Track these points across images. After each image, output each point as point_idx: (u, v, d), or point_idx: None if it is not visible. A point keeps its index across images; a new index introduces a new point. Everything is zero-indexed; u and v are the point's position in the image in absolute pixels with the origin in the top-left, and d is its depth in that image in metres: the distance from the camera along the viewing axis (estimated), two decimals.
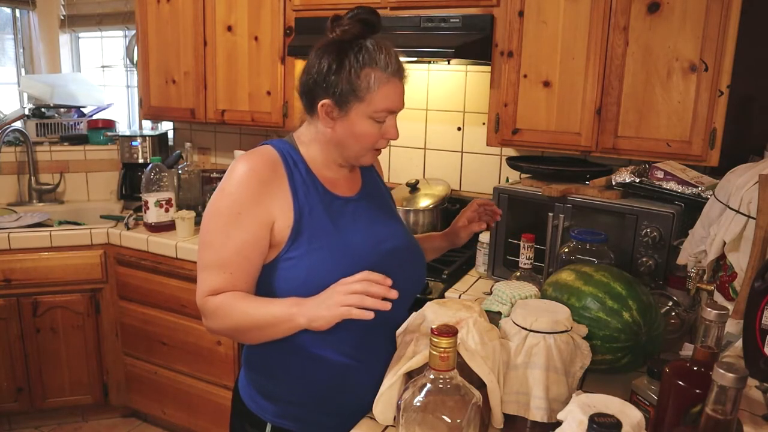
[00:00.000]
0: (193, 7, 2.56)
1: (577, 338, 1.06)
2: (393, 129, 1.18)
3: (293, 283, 1.13)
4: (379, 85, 1.12)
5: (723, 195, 1.31)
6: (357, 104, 1.13)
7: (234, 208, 1.12)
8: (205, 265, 1.15)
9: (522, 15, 1.91)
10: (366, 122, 1.14)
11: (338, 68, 1.12)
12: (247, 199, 1.11)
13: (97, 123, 3.17)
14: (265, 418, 1.23)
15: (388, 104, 1.14)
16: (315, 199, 1.17)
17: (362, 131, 1.15)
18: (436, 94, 2.49)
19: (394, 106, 1.15)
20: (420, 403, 0.81)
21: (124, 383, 2.70)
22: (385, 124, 1.16)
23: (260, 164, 1.14)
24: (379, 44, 1.14)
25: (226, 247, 1.12)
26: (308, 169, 1.19)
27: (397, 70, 1.14)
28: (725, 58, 1.64)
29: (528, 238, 1.40)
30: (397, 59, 1.15)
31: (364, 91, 1.11)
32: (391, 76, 1.13)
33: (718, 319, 0.83)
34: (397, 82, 1.15)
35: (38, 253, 2.49)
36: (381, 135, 1.17)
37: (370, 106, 1.12)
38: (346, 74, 1.11)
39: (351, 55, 1.12)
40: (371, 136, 1.16)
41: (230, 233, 1.11)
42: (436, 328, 0.79)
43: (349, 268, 1.10)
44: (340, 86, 1.12)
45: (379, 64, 1.12)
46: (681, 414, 0.83)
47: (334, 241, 1.14)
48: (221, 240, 1.12)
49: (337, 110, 1.14)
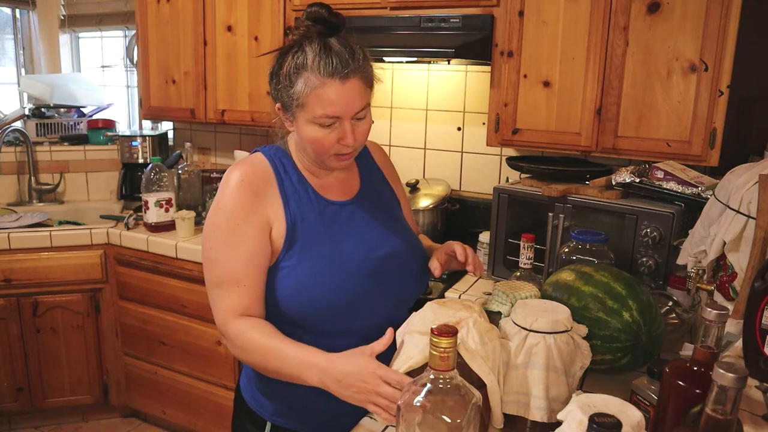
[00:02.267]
0: (193, 7, 2.56)
1: (577, 338, 1.06)
2: (348, 135, 1.08)
3: (287, 291, 1.13)
4: (312, 89, 1.05)
5: (723, 195, 1.31)
6: (298, 110, 1.08)
7: (232, 220, 1.11)
8: (216, 282, 1.13)
9: (522, 15, 1.91)
10: (311, 128, 1.08)
11: (278, 73, 1.10)
12: (244, 210, 1.11)
13: (97, 123, 3.17)
14: (265, 417, 1.23)
15: (326, 110, 1.05)
16: (307, 206, 1.16)
17: (310, 137, 1.09)
18: (436, 94, 2.49)
19: (334, 111, 1.05)
20: (420, 403, 0.81)
21: (124, 383, 2.70)
22: (339, 129, 1.08)
23: (251, 174, 1.14)
24: (321, 44, 1.06)
25: (234, 260, 1.10)
26: (300, 176, 1.18)
27: (335, 72, 1.04)
28: (725, 58, 1.64)
29: (528, 238, 1.40)
30: (341, 58, 1.05)
31: (299, 96, 1.06)
32: (327, 78, 1.04)
33: (718, 319, 0.82)
34: (336, 85, 1.04)
35: (38, 253, 2.49)
36: (335, 140, 1.09)
37: (308, 111, 1.07)
38: (284, 79, 1.08)
39: (289, 59, 1.08)
40: (322, 142, 1.09)
41: (235, 246, 1.11)
42: (436, 328, 0.79)
43: (340, 276, 1.11)
44: (280, 91, 1.10)
45: (311, 66, 1.04)
46: (681, 414, 0.83)
47: (325, 249, 1.14)
48: (227, 254, 1.11)
49: (286, 114, 1.12)
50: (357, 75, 1.07)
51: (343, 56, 1.06)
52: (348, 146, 1.10)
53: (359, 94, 1.08)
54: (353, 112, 1.08)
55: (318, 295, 1.11)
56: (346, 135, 1.08)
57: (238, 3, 2.45)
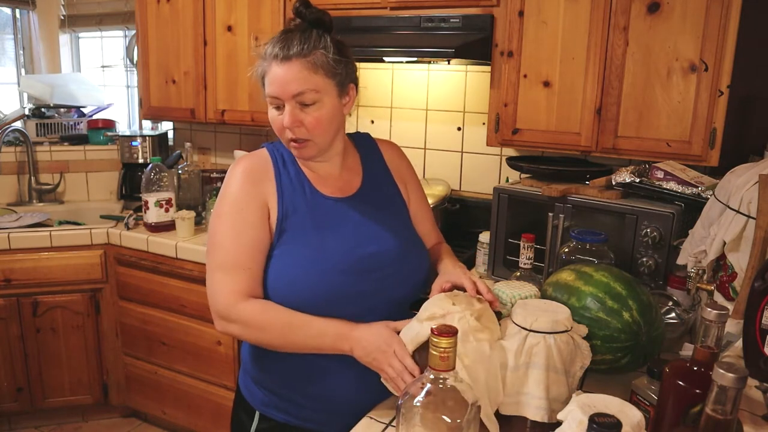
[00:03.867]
0: (193, 7, 2.56)
1: (577, 338, 1.06)
2: (285, 117, 1.12)
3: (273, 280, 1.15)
4: (265, 69, 1.14)
5: (723, 195, 1.31)
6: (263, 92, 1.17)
7: (235, 207, 1.16)
8: (219, 266, 1.15)
9: (522, 15, 1.91)
10: (269, 109, 1.17)
11: None
12: (246, 197, 1.16)
13: (97, 123, 3.17)
14: (255, 406, 1.25)
15: (269, 89, 1.13)
16: (300, 199, 1.18)
17: (270, 118, 1.17)
18: (436, 94, 2.49)
19: (273, 91, 1.12)
20: (420, 403, 0.81)
21: (124, 383, 2.70)
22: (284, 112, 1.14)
23: (251, 165, 1.20)
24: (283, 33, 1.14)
25: (239, 245, 1.14)
26: (298, 170, 1.22)
27: (277, 55, 1.11)
28: (725, 58, 1.64)
29: (528, 238, 1.40)
30: (285, 42, 1.11)
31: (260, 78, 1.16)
32: (271, 60, 1.12)
33: (718, 319, 0.82)
34: (275, 67, 1.11)
35: (38, 253, 2.49)
36: (282, 123, 1.15)
37: (264, 92, 1.16)
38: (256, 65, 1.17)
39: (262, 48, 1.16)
40: (274, 124, 1.16)
41: (239, 231, 1.15)
42: (436, 328, 0.79)
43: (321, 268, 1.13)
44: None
45: (267, 49, 1.13)
46: (681, 414, 0.83)
47: (310, 242, 1.16)
48: (232, 239, 1.15)
49: None
50: (298, 58, 1.10)
51: (289, 42, 1.11)
52: (287, 128, 1.14)
53: (298, 76, 1.11)
54: (291, 93, 1.11)
55: (299, 287, 1.13)
56: (284, 117, 1.13)
57: (238, 3, 2.45)
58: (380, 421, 1.10)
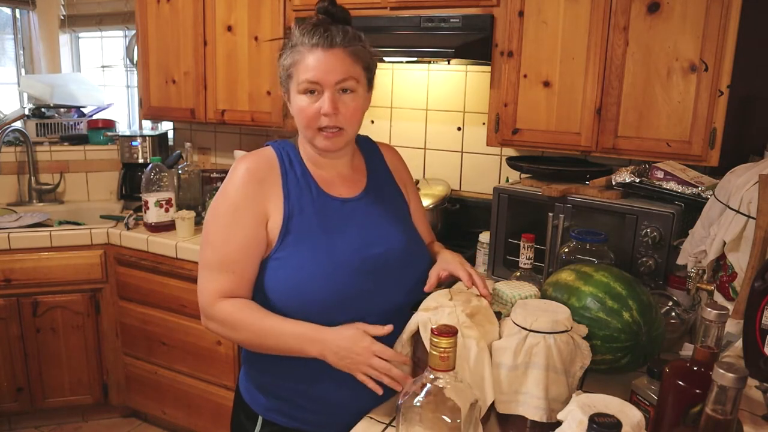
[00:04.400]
0: (193, 7, 2.56)
1: (577, 338, 1.06)
2: (326, 103, 1.12)
3: (279, 283, 1.15)
4: (300, 57, 1.13)
5: (723, 195, 1.31)
6: (289, 81, 1.16)
7: (232, 207, 1.15)
8: (207, 264, 1.17)
9: (522, 15, 1.90)
10: (298, 98, 1.15)
11: (280, 56, 1.18)
12: (244, 198, 1.15)
13: (97, 123, 3.17)
14: (257, 411, 1.25)
15: (307, 74, 1.12)
16: (307, 200, 1.18)
17: (296, 107, 1.16)
18: (436, 94, 2.49)
19: (314, 76, 1.12)
20: (420, 403, 0.81)
21: (124, 383, 2.70)
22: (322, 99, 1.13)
23: (257, 165, 1.19)
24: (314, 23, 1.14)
25: (228, 246, 1.14)
26: (305, 170, 1.21)
27: (320, 41, 1.12)
28: (725, 58, 1.64)
29: (528, 238, 1.40)
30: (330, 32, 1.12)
31: (290, 67, 1.15)
32: (312, 46, 1.12)
33: (718, 319, 0.82)
34: (319, 52, 1.12)
35: (38, 253, 2.49)
36: (317, 111, 1.14)
37: (295, 80, 1.14)
38: (283, 58, 1.17)
39: (287, 41, 1.17)
40: (305, 112, 1.14)
41: (231, 232, 1.14)
42: (436, 328, 0.79)
43: (329, 270, 1.13)
44: (280, 71, 1.18)
45: (302, 38, 1.13)
46: (681, 414, 0.83)
47: (318, 243, 1.15)
48: (222, 239, 1.15)
49: (285, 94, 1.19)
50: (342, 48, 1.13)
51: (331, 32, 1.13)
52: (326, 116, 1.13)
53: (342, 63, 1.13)
54: (334, 79, 1.12)
55: (307, 288, 1.12)
56: (324, 103, 1.12)
57: (238, 3, 2.45)
58: (380, 421, 1.10)
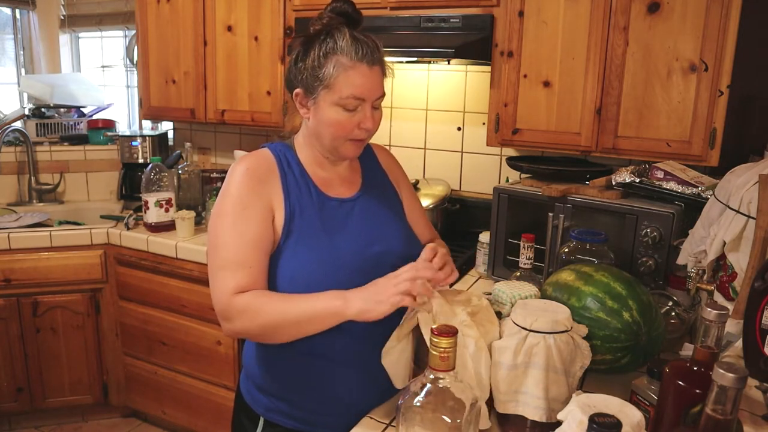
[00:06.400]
0: (193, 7, 2.56)
1: (577, 338, 1.06)
2: (368, 119, 1.14)
3: (281, 281, 1.14)
4: (343, 70, 1.10)
5: (723, 195, 1.31)
6: (323, 91, 1.13)
7: (238, 205, 1.14)
8: (221, 265, 1.13)
9: (522, 15, 1.90)
10: (333, 109, 1.13)
11: (304, 56, 1.14)
12: (249, 195, 1.14)
13: (97, 123, 3.17)
14: (259, 412, 1.25)
15: (353, 90, 1.11)
16: (307, 200, 1.18)
17: (331, 119, 1.14)
18: (436, 94, 2.49)
19: (361, 92, 1.11)
20: (420, 403, 0.81)
21: (124, 383, 2.70)
22: (359, 113, 1.13)
23: (256, 164, 1.18)
24: (350, 33, 1.12)
25: (241, 243, 1.12)
26: (303, 171, 1.21)
27: (364, 56, 1.11)
28: (725, 58, 1.64)
29: (528, 238, 1.40)
30: (369, 47, 1.12)
31: (327, 77, 1.11)
32: (357, 61, 1.10)
33: (718, 319, 0.82)
34: (365, 69, 1.11)
35: (38, 253, 2.49)
36: (355, 124, 1.14)
37: (335, 92, 1.11)
38: (311, 61, 1.13)
39: (317, 44, 1.13)
40: (341, 125, 1.14)
41: (241, 230, 1.13)
42: (436, 328, 0.79)
43: (332, 270, 1.12)
44: (306, 73, 1.14)
45: (343, 50, 1.11)
46: (681, 414, 0.83)
47: (319, 242, 1.15)
48: (234, 238, 1.12)
49: (307, 99, 1.16)
50: (380, 65, 1.15)
51: (372, 45, 1.14)
52: (367, 129, 1.16)
53: (380, 81, 1.16)
54: (376, 96, 1.15)
55: (309, 288, 1.11)
56: (366, 118, 1.15)
57: (238, 3, 2.45)
58: (380, 422, 1.10)
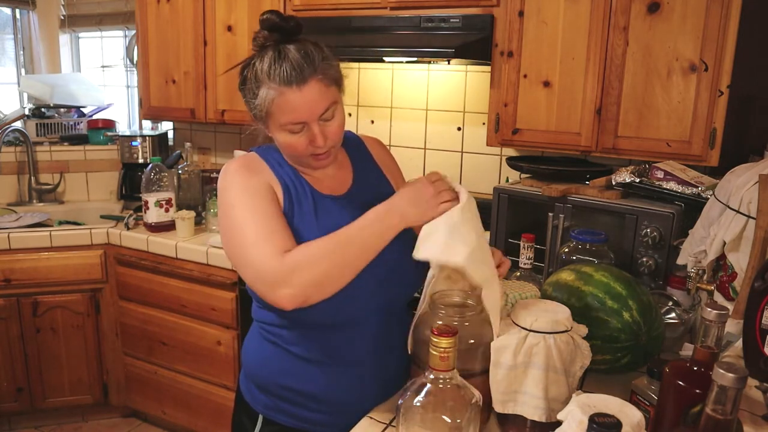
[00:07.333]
0: (193, 7, 2.56)
1: (577, 338, 1.06)
2: (318, 136, 1.09)
3: None
4: (272, 99, 1.06)
5: (723, 195, 1.31)
6: (267, 119, 1.10)
7: (246, 193, 1.11)
8: (251, 242, 1.06)
9: (522, 15, 1.91)
10: (282, 134, 1.10)
11: (242, 86, 1.13)
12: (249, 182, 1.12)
13: (97, 123, 3.17)
14: (258, 410, 1.25)
15: (289, 117, 1.07)
16: (303, 198, 1.17)
17: (283, 143, 1.12)
18: (436, 94, 2.49)
19: (297, 117, 1.07)
20: (420, 403, 0.81)
21: (124, 383, 2.70)
22: (309, 132, 1.09)
23: (247, 163, 1.16)
24: (273, 55, 1.06)
25: (260, 218, 1.08)
26: (295, 170, 1.19)
27: (290, 79, 1.04)
28: (725, 58, 1.64)
29: (528, 238, 1.40)
30: (295, 65, 1.04)
31: (263, 107, 1.08)
32: (284, 86, 1.05)
33: (718, 319, 0.82)
34: (294, 91, 1.05)
35: (38, 253, 2.49)
36: (307, 143, 1.10)
37: (275, 120, 1.09)
38: (247, 92, 1.11)
39: (248, 72, 1.10)
40: (293, 146, 1.11)
41: (257, 206, 1.09)
42: (436, 328, 0.79)
43: None
44: (249, 103, 1.12)
45: (268, 77, 1.06)
46: (681, 414, 0.83)
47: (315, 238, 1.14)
48: (252, 216, 1.08)
49: (258, 123, 1.14)
50: (314, 78, 1.06)
51: (297, 62, 1.05)
52: (319, 147, 1.11)
53: (320, 95, 1.08)
54: (317, 114, 1.08)
55: None
56: (315, 137, 1.09)
57: (238, 3, 2.45)
58: (380, 422, 1.10)
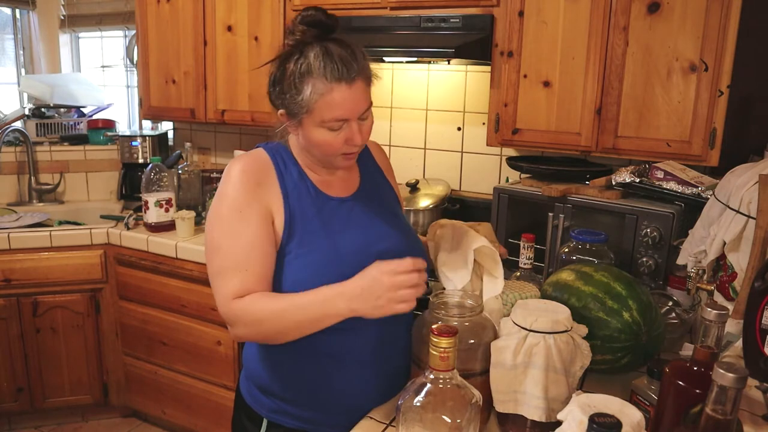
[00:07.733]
0: (193, 7, 2.56)
1: (577, 338, 1.06)
2: (355, 134, 1.10)
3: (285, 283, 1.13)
4: (321, 95, 1.06)
5: (723, 195, 1.31)
6: (305, 115, 1.09)
7: (235, 207, 1.12)
8: (218, 270, 1.12)
9: (522, 15, 1.91)
10: (319, 131, 1.10)
11: (281, 80, 1.11)
12: (246, 198, 1.12)
13: (97, 123, 3.17)
14: (261, 413, 1.24)
15: (335, 114, 1.07)
16: (307, 201, 1.17)
17: (318, 140, 1.11)
18: (436, 94, 2.49)
19: (342, 114, 1.08)
20: (420, 403, 0.81)
21: (124, 383, 2.70)
22: (347, 130, 1.10)
23: (252, 165, 1.16)
24: (323, 50, 1.07)
25: (237, 246, 1.11)
26: (300, 171, 1.19)
27: (341, 76, 1.05)
28: (725, 58, 1.64)
29: (528, 238, 1.40)
30: (344, 62, 1.06)
31: (307, 102, 1.07)
32: (334, 83, 1.06)
33: (718, 319, 0.82)
34: (343, 88, 1.06)
35: (38, 253, 2.49)
36: (343, 141, 1.11)
37: (316, 116, 1.08)
38: (288, 86, 1.09)
39: (291, 66, 1.08)
40: (329, 144, 1.11)
41: (238, 232, 1.11)
42: (436, 328, 0.79)
43: (338, 270, 1.11)
44: (286, 98, 1.11)
45: (318, 72, 1.06)
46: (681, 414, 0.83)
47: (323, 244, 1.14)
48: (230, 241, 1.11)
49: (291, 120, 1.13)
50: (360, 77, 1.09)
51: (347, 59, 1.07)
52: (356, 146, 1.13)
53: (363, 95, 1.11)
54: (360, 113, 1.10)
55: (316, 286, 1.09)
56: (353, 135, 1.11)
57: (238, 3, 2.45)
58: (380, 422, 1.10)
